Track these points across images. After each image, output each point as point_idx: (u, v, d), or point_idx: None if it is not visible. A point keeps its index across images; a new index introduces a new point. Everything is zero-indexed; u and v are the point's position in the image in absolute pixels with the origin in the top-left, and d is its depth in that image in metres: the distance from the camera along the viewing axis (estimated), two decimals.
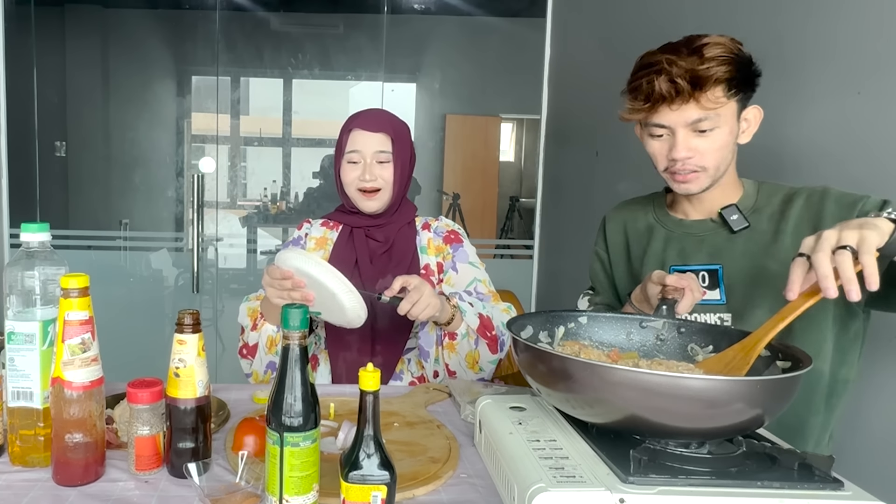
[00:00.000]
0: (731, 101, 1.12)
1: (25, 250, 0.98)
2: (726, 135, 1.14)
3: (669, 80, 1.09)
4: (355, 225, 1.55)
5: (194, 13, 3.66)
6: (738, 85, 1.11)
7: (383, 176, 1.49)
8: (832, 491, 0.75)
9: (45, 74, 3.43)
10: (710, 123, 1.12)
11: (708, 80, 1.08)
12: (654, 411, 0.79)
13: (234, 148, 3.87)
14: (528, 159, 6.14)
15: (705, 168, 1.15)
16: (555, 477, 0.76)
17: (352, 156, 1.50)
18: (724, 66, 1.08)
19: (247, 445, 0.98)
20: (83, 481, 0.92)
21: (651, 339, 1.08)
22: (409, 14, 3.79)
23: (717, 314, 1.19)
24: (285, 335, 0.81)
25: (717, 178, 1.17)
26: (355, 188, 1.50)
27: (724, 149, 1.15)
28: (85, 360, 0.91)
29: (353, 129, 1.51)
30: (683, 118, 1.12)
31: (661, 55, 1.12)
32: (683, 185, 1.18)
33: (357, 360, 1.48)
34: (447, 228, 1.60)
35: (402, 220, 1.56)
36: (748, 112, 1.16)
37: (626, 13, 2.50)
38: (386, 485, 0.78)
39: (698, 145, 1.14)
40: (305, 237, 1.60)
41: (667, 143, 1.16)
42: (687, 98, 1.10)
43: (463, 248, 1.57)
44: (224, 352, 3.52)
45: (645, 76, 1.12)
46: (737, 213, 1.18)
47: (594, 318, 1.10)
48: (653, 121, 1.15)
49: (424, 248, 1.55)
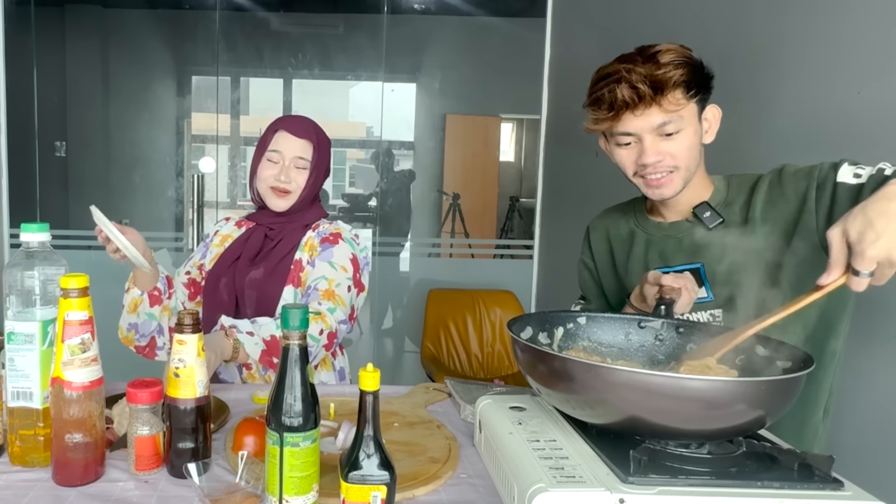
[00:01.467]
0: (691, 102, 1.14)
1: (25, 250, 0.98)
2: (691, 136, 1.16)
3: (630, 86, 1.11)
4: (260, 222, 1.61)
5: (194, 13, 3.66)
6: (696, 87, 1.14)
7: (297, 180, 1.55)
8: (832, 491, 0.75)
9: (45, 74, 3.43)
10: (674, 126, 1.13)
11: (667, 83, 1.10)
12: (656, 412, 0.79)
13: (234, 148, 3.87)
14: (528, 159, 6.14)
15: (678, 167, 1.16)
16: (555, 477, 0.76)
17: (272, 155, 1.55)
18: (681, 70, 1.11)
19: (247, 445, 0.98)
20: (83, 481, 0.92)
21: (650, 340, 1.08)
22: (409, 14, 3.79)
23: (709, 311, 1.19)
24: (285, 335, 0.81)
25: (688, 179, 1.18)
26: (268, 185, 1.55)
27: (692, 149, 1.16)
28: (85, 361, 0.91)
29: (280, 129, 1.57)
30: (649, 123, 1.13)
31: (619, 65, 1.14)
32: (657, 191, 1.19)
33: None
34: (332, 231, 1.58)
35: (304, 222, 1.61)
36: (707, 112, 1.18)
37: (626, 13, 2.50)
38: (386, 485, 0.78)
39: (667, 148, 1.15)
40: (214, 234, 1.67)
41: (634, 150, 1.18)
42: (649, 103, 1.11)
43: (333, 248, 1.53)
44: None
45: (605, 86, 1.14)
46: (709, 210, 1.19)
47: (593, 318, 1.10)
48: (618, 129, 1.16)
49: (302, 246, 1.57)
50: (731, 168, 1.28)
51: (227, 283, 1.53)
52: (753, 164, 1.39)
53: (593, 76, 1.19)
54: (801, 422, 1.16)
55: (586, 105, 1.20)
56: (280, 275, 1.52)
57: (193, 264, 1.63)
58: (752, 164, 1.35)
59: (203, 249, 1.65)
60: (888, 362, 1.30)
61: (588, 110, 1.20)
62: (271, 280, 1.51)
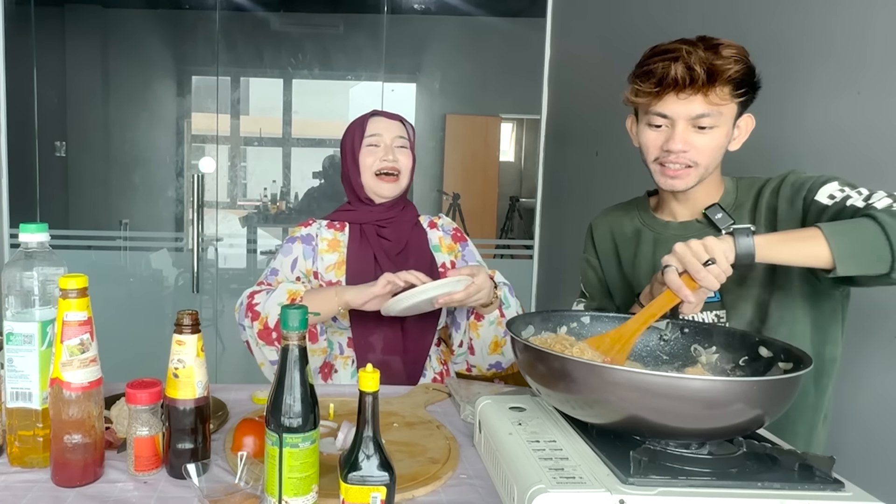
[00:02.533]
0: (734, 102, 1.13)
1: (24, 250, 0.97)
2: (722, 136, 1.14)
3: (687, 66, 1.09)
4: (363, 221, 1.54)
5: (194, 13, 3.66)
6: (745, 88, 1.12)
7: (402, 160, 1.51)
8: (833, 492, 0.75)
9: (45, 74, 3.42)
10: (711, 121, 1.12)
11: (721, 74, 1.09)
12: (654, 412, 0.78)
13: (234, 148, 3.86)
14: (528, 159, 6.13)
15: (697, 164, 1.15)
16: (554, 478, 0.76)
17: (372, 139, 1.51)
18: (738, 66, 1.10)
19: (246, 446, 0.98)
20: (82, 482, 0.92)
21: (654, 340, 1.08)
22: (409, 14, 3.79)
23: (714, 312, 1.20)
24: (284, 336, 0.81)
25: (703, 178, 1.18)
26: (374, 171, 1.50)
27: (719, 150, 1.16)
28: (84, 361, 0.91)
29: (373, 116, 1.54)
30: (687, 110, 1.12)
31: (680, 44, 1.12)
32: (671, 181, 1.18)
33: (384, 361, 1.48)
34: (451, 227, 1.63)
35: (408, 219, 1.58)
36: (742, 119, 1.17)
37: (626, 13, 2.50)
38: (385, 486, 0.78)
39: (695, 141, 1.14)
40: (317, 237, 1.55)
41: (663, 134, 1.16)
42: (697, 89, 1.10)
43: (469, 246, 1.60)
44: (224, 352, 3.52)
45: (661, 61, 1.12)
46: (720, 212, 1.19)
47: (597, 318, 1.10)
48: (655, 109, 1.15)
49: (437, 247, 1.57)
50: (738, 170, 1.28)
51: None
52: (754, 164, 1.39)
53: (647, 51, 1.17)
54: (810, 428, 1.17)
55: (633, 76, 1.18)
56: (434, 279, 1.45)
57: (305, 271, 1.51)
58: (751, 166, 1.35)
59: (311, 253, 1.52)
60: (887, 364, 1.30)
61: (633, 81, 1.17)
62: None
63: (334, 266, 1.51)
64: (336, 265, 1.51)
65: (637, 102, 1.18)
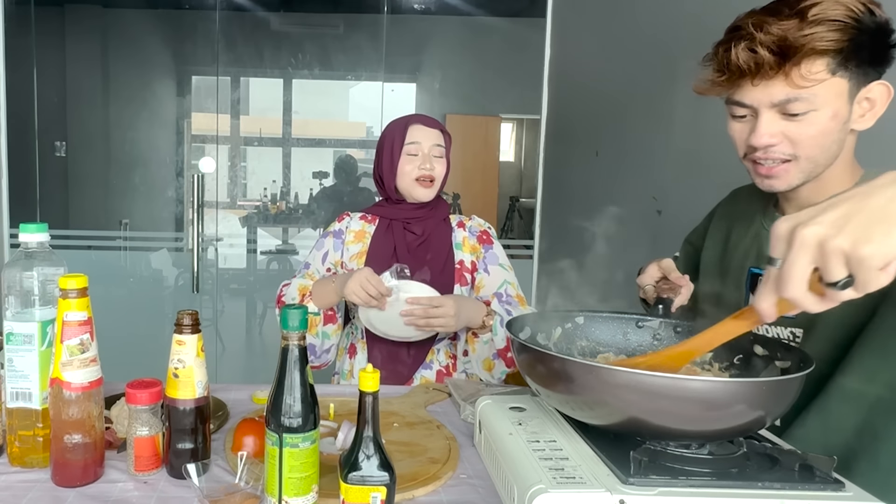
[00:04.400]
0: (837, 77, 0.89)
1: (24, 251, 0.97)
2: (827, 119, 0.91)
3: (750, 49, 0.89)
4: (394, 217, 1.61)
5: (194, 13, 3.66)
6: (852, 58, 0.88)
7: (437, 168, 1.58)
8: (833, 492, 0.75)
9: (45, 74, 3.43)
10: (803, 105, 0.90)
11: (801, 49, 0.86)
12: (655, 413, 0.78)
13: (234, 148, 3.87)
14: (528, 159, 6.14)
15: (796, 157, 0.94)
16: (555, 478, 0.76)
17: (411, 147, 1.57)
18: (833, 34, 0.86)
19: (246, 446, 0.98)
20: (82, 482, 0.92)
21: (648, 339, 1.08)
22: (409, 14, 3.79)
23: (789, 328, 1.03)
24: (284, 336, 0.81)
25: (812, 173, 0.95)
26: (413, 178, 1.56)
27: (825, 136, 0.92)
28: (84, 361, 0.91)
29: (413, 124, 1.58)
30: (768, 97, 0.91)
31: (754, 16, 0.91)
32: (767, 181, 0.98)
33: (392, 350, 1.54)
34: (480, 228, 1.67)
35: (437, 216, 1.64)
36: (871, 90, 0.92)
37: (626, 13, 2.50)
38: (385, 486, 0.78)
39: (787, 130, 0.93)
40: (346, 230, 1.65)
41: (749, 125, 0.96)
42: (771, 72, 0.89)
43: (493, 249, 1.63)
44: (224, 352, 3.52)
45: (725, 43, 0.93)
46: None
47: (591, 318, 1.10)
48: (733, 97, 0.96)
49: (460, 245, 1.62)
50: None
51: None
52: None
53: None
54: None
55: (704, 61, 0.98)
56: (448, 275, 1.56)
57: (334, 263, 1.61)
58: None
59: (340, 246, 1.63)
60: None
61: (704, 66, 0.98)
62: (441, 281, 1.53)
63: (357, 255, 1.60)
64: (359, 254, 1.60)
65: (706, 93, 0.99)
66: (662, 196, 2.18)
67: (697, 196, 1.82)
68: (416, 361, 1.56)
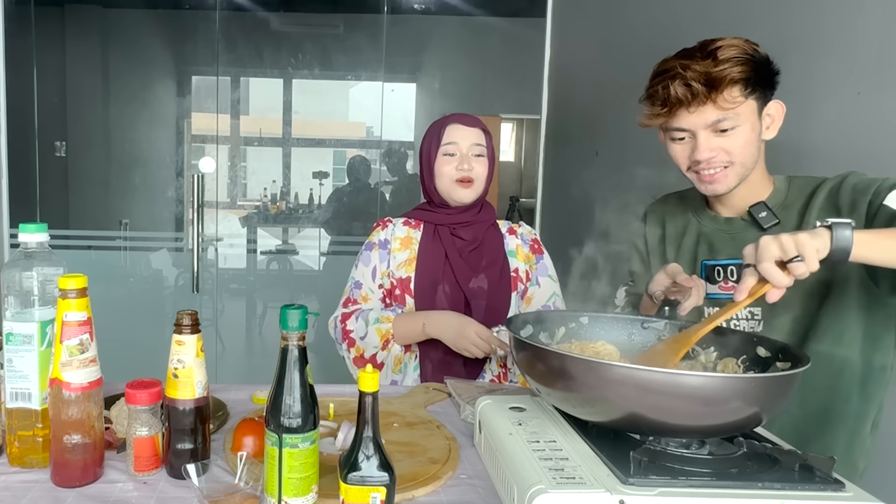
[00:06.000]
0: (749, 99, 1.12)
1: (24, 251, 0.97)
2: (748, 132, 1.13)
3: (684, 83, 1.10)
4: (439, 223, 1.58)
5: (194, 13, 3.66)
6: (755, 84, 1.11)
7: (477, 168, 1.54)
8: (833, 492, 0.75)
9: (45, 74, 3.42)
10: (730, 123, 1.11)
11: (722, 80, 1.08)
12: (652, 409, 0.78)
13: (234, 148, 3.86)
14: (528, 159, 6.14)
15: (732, 163, 1.14)
16: (554, 478, 0.76)
17: (449, 147, 1.54)
18: (739, 67, 1.09)
19: (246, 446, 0.98)
20: (81, 482, 0.92)
21: (653, 340, 1.08)
22: (409, 14, 3.79)
23: (747, 308, 1.17)
24: (284, 336, 0.81)
25: (744, 176, 1.16)
26: (451, 179, 1.53)
27: (749, 145, 1.14)
28: (83, 361, 0.91)
29: (450, 123, 1.56)
30: (703, 120, 1.12)
31: (676, 61, 1.13)
32: (710, 186, 1.17)
33: (445, 360, 1.51)
34: (531, 236, 1.64)
35: (485, 221, 1.60)
36: (770, 108, 1.15)
37: (626, 13, 2.49)
38: (385, 486, 0.78)
39: (721, 144, 1.13)
40: (391, 238, 1.60)
41: (688, 145, 1.16)
42: (703, 100, 1.10)
43: (544, 259, 1.62)
44: (224, 352, 3.51)
45: (660, 82, 1.14)
46: (765, 211, 1.17)
47: (595, 318, 1.10)
48: (673, 125, 1.16)
49: (513, 252, 1.59)
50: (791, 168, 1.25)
51: (451, 290, 1.51)
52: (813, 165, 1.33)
53: (654, 69, 1.18)
54: (851, 435, 1.14)
55: (642, 99, 1.19)
56: (505, 283, 1.54)
57: (382, 275, 1.57)
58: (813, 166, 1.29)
59: (386, 257, 1.58)
60: None
61: (644, 104, 1.19)
62: (499, 289, 1.52)
63: (405, 263, 1.56)
64: (407, 262, 1.56)
65: (651, 125, 1.19)
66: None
67: None
68: (470, 374, 1.52)
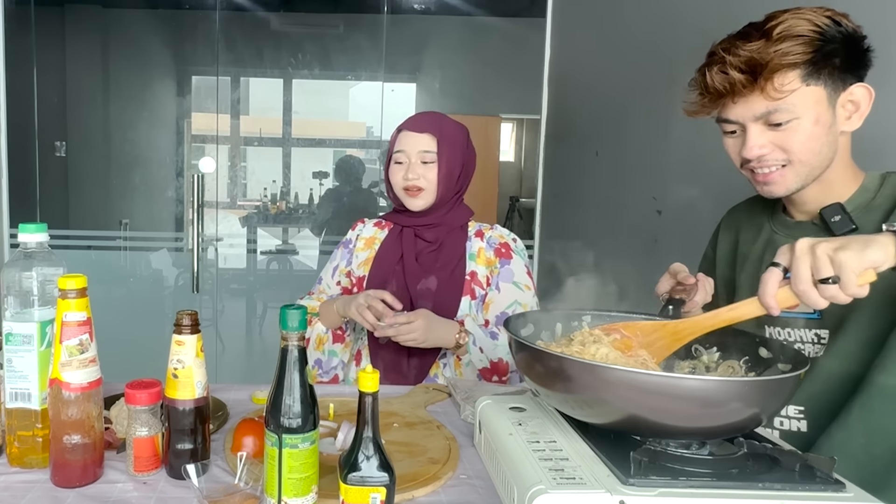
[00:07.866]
0: (812, 86, 0.95)
1: (23, 251, 0.97)
2: (811, 125, 0.96)
3: (722, 71, 0.97)
4: (405, 224, 1.58)
5: (194, 13, 3.66)
6: (823, 66, 0.95)
7: (426, 176, 1.51)
8: (834, 493, 0.75)
9: (45, 74, 3.43)
10: (783, 115, 0.96)
11: (769, 65, 0.94)
12: (652, 411, 0.78)
13: (234, 148, 3.87)
14: (528, 159, 6.14)
15: (790, 162, 0.99)
16: (555, 479, 0.76)
17: (398, 156, 1.53)
18: (798, 48, 0.93)
19: (246, 446, 0.98)
20: (81, 483, 0.92)
21: None
22: (409, 14, 3.79)
23: (814, 330, 1.04)
24: (283, 336, 0.81)
25: (809, 175, 1.00)
26: (401, 187, 1.53)
27: (813, 140, 0.97)
28: (83, 362, 0.91)
29: (402, 130, 1.55)
30: (750, 111, 0.98)
31: (725, 42, 1.00)
32: (766, 188, 1.03)
33: (394, 360, 1.51)
34: (500, 240, 1.57)
35: (453, 223, 1.57)
36: (852, 93, 0.98)
37: (626, 13, 2.50)
38: (385, 486, 0.78)
39: (775, 139, 0.98)
40: (356, 238, 1.63)
41: (739, 139, 1.02)
42: (747, 90, 0.96)
43: (510, 265, 1.54)
44: (224, 352, 3.51)
45: (703, 67, 1.01)
46: (840, 214, 0.99)
47: (598, 317, 1.10)
48: (721, 116, 1.03)
49: (474, 256, 1.55)
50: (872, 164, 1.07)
51: (399, 291, 1.49)
52: None
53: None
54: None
55: (688, 85, 1.05)
56: (455, 285, 1.50)
57: (341, 272, 1.60)
58: None
59: (347, 255, 1.61)
60: None
61: (689, 90, 1.05)
62: (447, 291, 1.49)
63: (364, 262, 1.58)
64: (366, 261, 1.58)
65: (696, 115, 1.05)
66: (662, 196, 2.17)
67: (697, 196, 1.82)
68: (418, 374, 1.51)
